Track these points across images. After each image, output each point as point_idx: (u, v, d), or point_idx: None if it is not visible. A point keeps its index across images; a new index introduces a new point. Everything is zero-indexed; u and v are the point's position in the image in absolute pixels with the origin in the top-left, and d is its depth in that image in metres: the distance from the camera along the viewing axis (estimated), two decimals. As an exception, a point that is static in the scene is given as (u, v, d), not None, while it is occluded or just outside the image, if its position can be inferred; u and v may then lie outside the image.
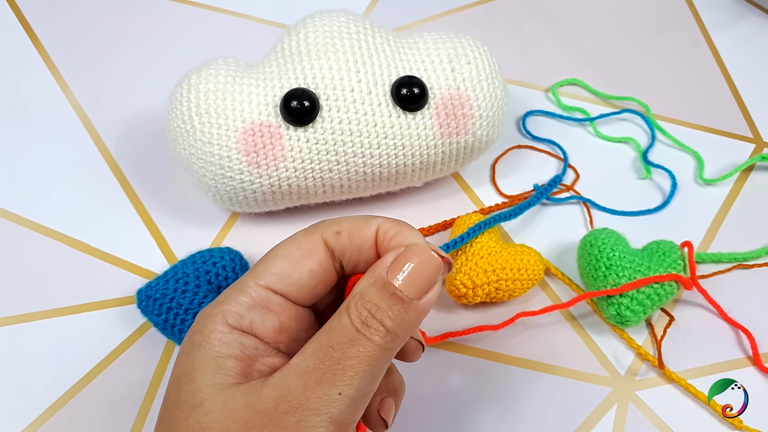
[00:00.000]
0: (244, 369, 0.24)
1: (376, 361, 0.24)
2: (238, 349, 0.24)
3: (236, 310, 0.25)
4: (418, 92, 0.38)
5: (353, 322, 0.24)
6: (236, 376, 0.24)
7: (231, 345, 0.24)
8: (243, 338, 0.25)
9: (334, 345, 0.23)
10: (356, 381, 0.23)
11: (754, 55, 0.55)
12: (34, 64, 0.51)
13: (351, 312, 0.24)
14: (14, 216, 0.43)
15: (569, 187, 0.45)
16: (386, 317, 0.24)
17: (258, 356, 0.25)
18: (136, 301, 0.37)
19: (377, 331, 0.24)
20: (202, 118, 0.37)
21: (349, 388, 0.23)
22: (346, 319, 0.24)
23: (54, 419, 0.35)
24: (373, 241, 0.27)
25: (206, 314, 0.25)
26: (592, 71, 0.53)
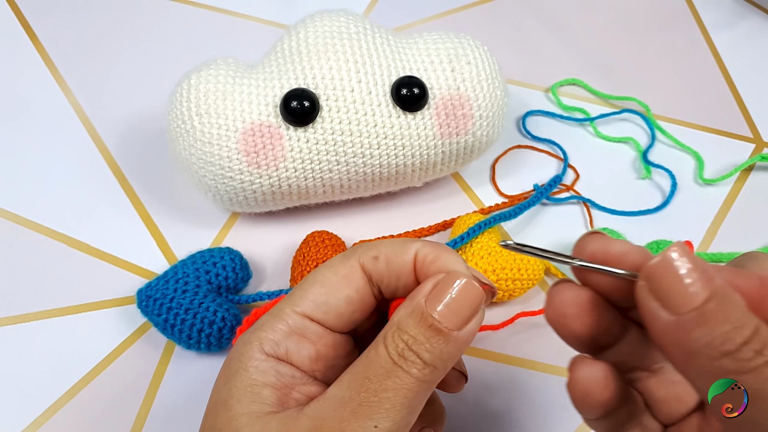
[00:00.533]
0: (281, 397, 0.24)
1: (414, 394, 0.23)
2: (275, 377, 0.24)
3: (273, 338, 0.25)
4: (418, 92, 0.38)
5: (390, 353, 0.23)
6: (272, 405, 0.23)
7: (267, 373, 0.24)
8: (279, 366, 0.24)
9: (371, 376, 0.23)
10: (393, 414, 0.22)
11: (754, 55, 0.55)
12: (34, 64, 0.51)
13: (388, 343, 0.23)
14: (14, 216, 0.43)
15: (569, 187, 0.45)
16: (423, 350, 0.23)
17: (295, 384, 0.25)
18: (136, 301, 0.37)
19: (414, 363, 0.23)
20: (202, 118, 0.37)
21: (385, 420, 0.22)
22: (383, 350, 0.23)
23: (54, 419, 0.35)
24: (412, 266, 0.26)
25: (244, 341, 0.25)
26: (592, 71, 0.53)
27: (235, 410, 0.23)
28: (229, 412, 0.23)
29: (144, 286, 0.37)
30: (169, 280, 0.37)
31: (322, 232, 0.41)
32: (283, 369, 0.24)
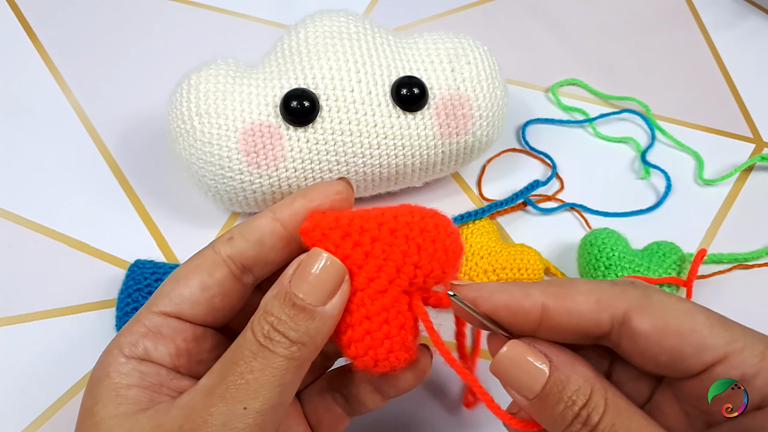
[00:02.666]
0: (151, 396, 0.24)
1: (284, 372, 0.23)
2: (139, 377, 0.24)
3: (130, 340, 0.25)
4: (418, 92, 0.38)
5: (256, 336, 0.23)
6: (142, 404, 0.23)
7: (130, 375, 0.24)
8: (142, 366, 0.24)
9: (237, 360, 0.23)
10: (262, 394, 0.23)
11: (754, 55, 0.55)
12: (33, 64, 0.51)
13: (255, 328, 0.24)
14: (14, 216, 0.43)
15: (551, 197, 0.45)
16: (288, 328, 0.23)
17: (163, 382, 0.25)
18: (128, 267, 0.38)
19: (281, 343, 0.23)
20: (202, 118, 0.37)
21: (254, 402, 0.22)
22: (250, 335, 0.24)
23: (54, 419, 0.35)
24: (272, 229, 0.26)
25: (105, 350, 0.25)
26: (592, 71, 0.53)
27: (100, 415, 0.23)
28: (94, 417, 0.23)
29: (145, 261, 0.38)
30: (155, 274, 0.37)
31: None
32: (145, 369, 0.24)
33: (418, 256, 0.25)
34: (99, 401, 0.23)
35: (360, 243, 0.25)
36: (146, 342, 0.25)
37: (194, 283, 0.26)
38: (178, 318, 0.26)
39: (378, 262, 0.25)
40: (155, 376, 0.25)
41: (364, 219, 0.26)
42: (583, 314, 0.23)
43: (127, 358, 0.24)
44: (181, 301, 0.26)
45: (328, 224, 0.26)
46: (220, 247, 0.26)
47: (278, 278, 0.25)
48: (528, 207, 0.45)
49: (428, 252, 0.25)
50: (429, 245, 0.26)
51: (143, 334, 0.25)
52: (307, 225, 0.26)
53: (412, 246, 0.25)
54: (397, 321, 0.26)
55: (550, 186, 0.46)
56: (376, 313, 0.25)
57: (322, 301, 0.24)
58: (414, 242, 0.25)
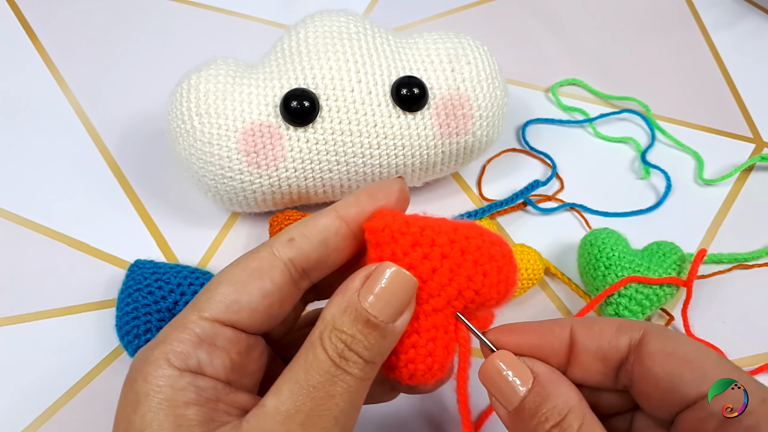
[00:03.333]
0: (210, 415, 0.21)
1: (359, 395, 0.22)
2: (195, 393, 0.21)
3: (180, 351, 0.22)
4: (418, 92, 0.38)
5: (330, 356, 0.22)
6: (201, 424, 0.21)
7: (186, 390, 0.21)
8: (198, 380, 0.22)
9: (315, 384, 0.21)
10: (342, 419, 0.22)
11: (754, 55, 0.55)
12: (34, 64, 0.51)
13: (326, 345, 0.22)
14: (14, 216, 0.43)
15: (551, 197, 0.45)
16: (362, 347, 0.22)
17: (219, 398, 0.22)
18: (129, 267, 0.38)
19: (356, 363, 0.22)
20: (202, 118, 0.37)
21: (335, 428, 0.22)
22: (322, 354, 0.22)
23: (54, 419, 0.35)
24: (337, 228, 0.25)
25: (146, 359, 0.22)
26: (592, 71, 0.53)
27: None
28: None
29: (144, 261, 0.38)
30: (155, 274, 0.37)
31: (286, 211, 0.40)
32: (202, 383, 0.22)
33: (481, 284, 0.24)
34: (151, 424, 0.21)
35: (429, 257, 0.24)
36: (200, 353, 0.22)
37: (254, 289, 0.23)
38: (233, 327, 0.23)
39: (443, 280, 0.24)
40: (212, 391, 0.22)
41: (435, 231, 0.24)
42: (605, 336, 0.24)
43: (180, 371, 0.22)
44: (239, 309, 0.23)
45: (399, 228, 0.24)
46: (280, 249, 0.24)
47: (341, 289, 0.23)
48: (528, 207, 0.45)
49: (492, 281, 0.25)
50: (494, 274, 0.25)
51: (195, 343, 0.22)
52: (376, 223, 0.24)
53: (479, 272, 0.24)
54: (443, 341, 0.25)
55: (550, 186, 0.46)
56: (426, 330, 0.24)
57: (393, 318, 0.23)
58: (481, 268, 0.24)
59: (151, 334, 0.35)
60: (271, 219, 0.40)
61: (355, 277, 0.23)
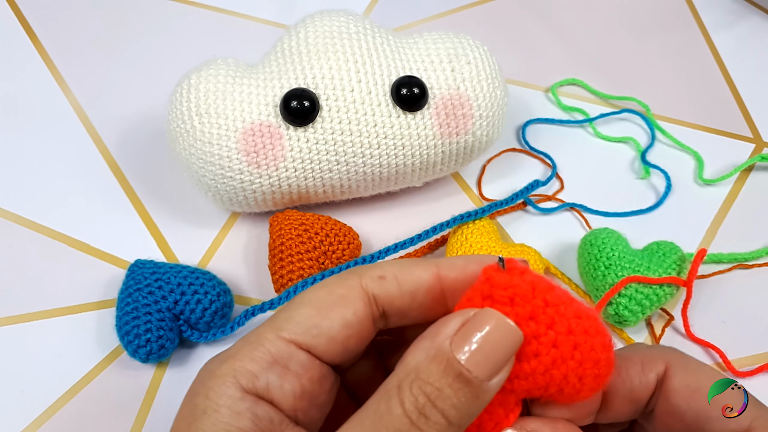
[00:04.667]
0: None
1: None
2: (251, 420, 0.20)
3: (251, 369, 0.21)
4: (418, 92, 0.38)
5: (407, 410, 0.19)
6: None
7: (243, 415, 0.20)
8: (257, 407, 0.20)
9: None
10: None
11: (754, 55, 0.55)
12: (34, 64, 0.51)
13: (404, 397, 0.19)
14: (14, 216, 0.43)
15: (551, 196, 0.45)
16: (449, 405, 0.19)
17: (272, 430, 0.21)
18: (128, 267, 0.38)
19: (437, 424, 0.19)
20: (202, 118, 0.37)
21: None
22: (398, 407, 0.19)
23: (54, 419, 0.35)
24: (431, 285, 0.22)
25: (212, 372, 0.21)
26: (592, 71, 0.53)
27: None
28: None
29: (144, 261, 0.38)
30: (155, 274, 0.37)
31: (286, 211, 0.40)
32: (261, 411, 0.20)
33: (572, 387, 0.21)
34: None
35: (539, 339, 0.21)
36: (271, 376, 0.21)
37: (336, 316, 0.22)
38: (309, 352, 0.22)
39: (539, 368, 0.21)
40: (267, 422, 0.20)
41: (558, 312, 0.21)
42: (634, 377, 0.23)
43: (243, 393, 0.20)
44: (318, 334, 0.21)
45: (523, 292, 0.21)
46: (369, 283, 0.22)
47: (429, 333, 0.20)
48: (528, 207, 0.45)
49: (583, 387, 0.22)
50: (589, 381, 0.21)
51: (268, 363, 0.21)
52: (500, 276, 0.21)
53: (578, 375, 0.21)
54: (496, 418, 0.22)
55: (550, 186, 0.46)
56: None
57: (490, 376, 0.19)
58: (582, 372, 0.21)
59: (151, 334, 0.35)
60: (271, 219, 0.40)
61: (449, 321, 0.20)
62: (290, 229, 0.38)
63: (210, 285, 0.37)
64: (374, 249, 0.42)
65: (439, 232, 0.40)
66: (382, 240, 0.42)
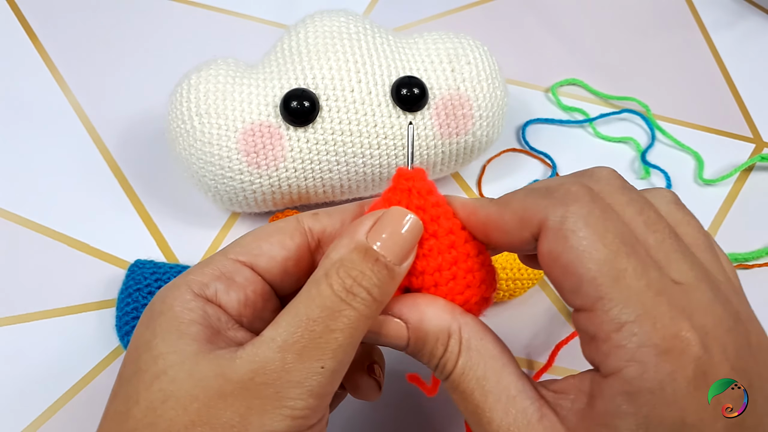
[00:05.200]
0: (210, 337, 0.23)
1: (359, 331, 0.23)
2: (201, 316, 0.23)
3: (201, 280, 0.24)
4: (418, 92, 0.38)
5: (336, 291, 0.22)
6: (201, 343, 0.22)
7: (194, 311, 0.23)
8: (207, 306, 0.24)
9: (315, 317, 0.22)
10: (339, 353, 0.22)
11: (754, 55, 0.55)
12: (34, 64, 0.51)
13: (332, 280, 0.22)
14: (14, 216, 0.43)
15: None
16: (372, 284, 0.22)
17: (222, 328, 0.24)
18: (128, 267, 0.38)
19: (363, 299, 0.22)
20: (202, 119, 0.37)
21: (331, 361, 0.22)
22: (327, 288, 0.22)
23: (54, 419, 0.35)
24: (356, 211, 0.27)
25: (169, 285, 0.25)
26: (592, 71, 0.53)
27: (159, 349, 0.22)
28: (153, 351, 0.22)
29: (144, 261, 0.38)
30: (155, 274, 0.37)
31: (286, 211, 0.40)
32: (210, 310, 0.24)
33: (448, 282, 0.25)
34: (158, 335, 0.23)
35: (425, 226, 0.25)
36: (218, 284, 0.25)
37: (275, 240, 0.26)
38: (252, 269, 0.25)
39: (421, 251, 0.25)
40: (216, 320, 0.24)
41: (444, 212, 0.25)
42: (512, 233, 0.23)
43: (194, 296, 0.24)
44: (260, 253, 0.26)
45: (423, 187, 0.25)
46: (304, 218, 0.27)
47: (346, 231, 0.24)
48: (528, 207, 0.45)
49: (457, 290, 0.25)
50: (462, 286, 0.25)
51: (216, 276, 0.25)
52: (406, 173, 0.25)
53: (449, 273, 0.25)
54: None
55: (550, 186, 0.46)
56: None
57: (401, 260, 0.23)
58: (454, 273, 0.25)
59: None
60: (271, 219, 0.40)
61: (363, 220, 0.24)
62: None
63: None
64: (374, 249, 0.42)
65: None
66: (382, 240, 0.42)
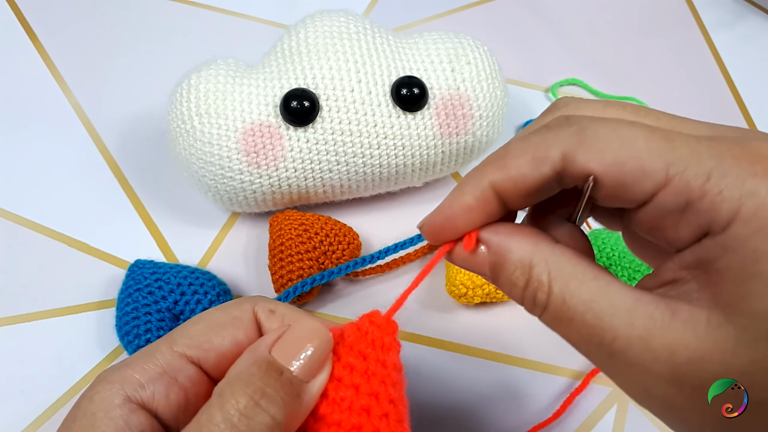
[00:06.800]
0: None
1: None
2: (121, 428, 0.20)
3: (139, 378, 0.21)
4: (418, 92, 0.38)
5: (227, 415, 0.19)
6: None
7: (114, 422, 0.20)
8: (132, 416, 0.21)
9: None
10: None
11: (754, 55, 0.55)
12: (34, 64, 0.51)
13: (225, 402, 0.19)
14: (14, 216, 0.43)
15: None
16: (274, 404, 0.19)
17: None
18: (128, 267, 0.38)
19: (262, 423, 0.19)
20: (202, 118, 0.37)
21: None
22: (218, 415, 0.19)
23: (54, 419, 0.35)
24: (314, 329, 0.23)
25: (104, 378, 0.22)
26: (592, 71, 0.53)
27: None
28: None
29: (144, 261, 0.38)
30: (155, 274, 0.37)
31: (286, 211, 0.40)
32: (135, 420, 0.21)
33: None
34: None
35: (353, 374, 0.22)
36: (158, 385, 0.22)
37: (228, 335, 0.23)
38: (199, 367, 0.23)
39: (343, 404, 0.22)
40: (138, 431, 0.21)
41: (377, 373, 0.22)
42: (527, 177, 0.20)
43: (123, 401, 0.21)
44: (210, 348, 0.22)
45: (367, 341, 0.23)
46: (260, 312, 0.24)
47: (248, 349, 0.21)
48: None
49: None
50: None
51: (158, 374, 0.22)
52: (381, 328, 0.23)
53: None
54: None
55: (550, 186, 0.46)
56: None
57: (309, 376, 0.21)
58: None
59: (151, 334, 0.35)
60: (271, 219, 0.40)
61: (266, 335, 0.22)
62: (290, 229, 0.38)
63: (210, 285, 0.37)
64: (374, 249, 0.42)
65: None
66: (382, 240, 0.42)
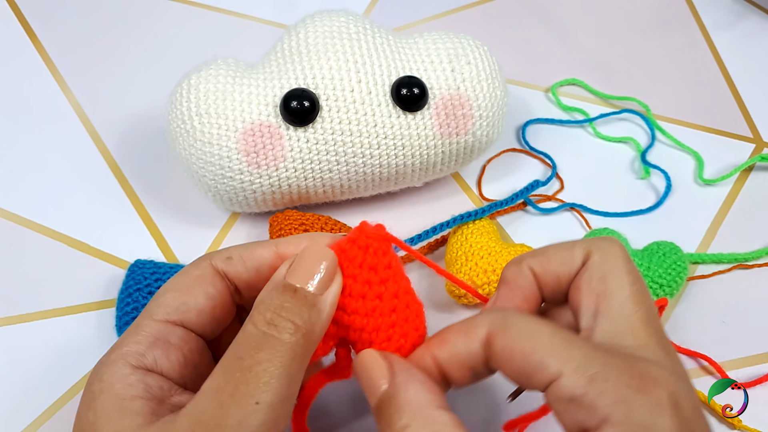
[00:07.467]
0: (154, 408, 0.23)
1: (290, 361, 0.22)
2: (143, 389, 0.23)
3: (136, 350, 0.24)
4: (418, 92, 0.38)
5: (258, 326, 0.23)
6: (146, 416, 0.22)
7: (134, 386, 0.23)
8: (147, 378, 0.23)
9: (243, 355, 0.22)
10: (272, 385, 0.22)
11: (754, 55, 0.55)
12: (34, 64, 0.51)
13: (255, 318, 0.23)
14: (14, 216, 0.43)
15: (552, 196, 0.45)
16: (294, 314, 0.23)
17: (165, 396, 0.24)
18: (129, 267, 0.38)
19: (286, 329, 0.23)
20: (202, 118, 0.37)
21: (267, 395, 0.21)
22: (251, 327, 0.23)
23: (54, 419, 0.35)
24: (272, 261, 0.26)
25: (104, 361, 0.24)
26: (592, 71, 0.53)
27: (104, 431, 0.22)
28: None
29: (144, 261, 0.38)
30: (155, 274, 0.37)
31: (286, 211, 0.40)
32: (151, 380, 0.23)
33: (382, 341, 0.26)
34: (101, 416, 0.22)
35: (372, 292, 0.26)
36: (155, 351, 0.24)
37: (199, 292, 0.25)
38: (183, 326, 0.25)
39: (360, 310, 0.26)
40: (158, 389, 0.24)
41: (389, 276, 0.26)
42: (462, 351, 0.24)
43: (133, 369, 0.23)
44: (187, 309, 0.25)
45: (375, 249, 0.26)
46: (218, 263, 0.26)
47: (269, 280, 0.25)
48: (528, 207, 0.45)
49: (391, 347, 0.26)
50: (397, 343, 0.26)
51: (152, 342, 0.24)
52: (375, 236, 0.26)
53: (385, 334, 0.26)
54: None
55: (550, 186, 0.46)
56: None
57: (320, 289, 0.24)
58: (389, 334, 0.26)
59: None
60: (271, 219, 0.40)
61: (282, 266, 0.25)
62: (290, 229, 0.38)
63: None
64: (374, 249, 0.42)
65: (439, 232, 0.40)
66: (382, 240, 0.42)
